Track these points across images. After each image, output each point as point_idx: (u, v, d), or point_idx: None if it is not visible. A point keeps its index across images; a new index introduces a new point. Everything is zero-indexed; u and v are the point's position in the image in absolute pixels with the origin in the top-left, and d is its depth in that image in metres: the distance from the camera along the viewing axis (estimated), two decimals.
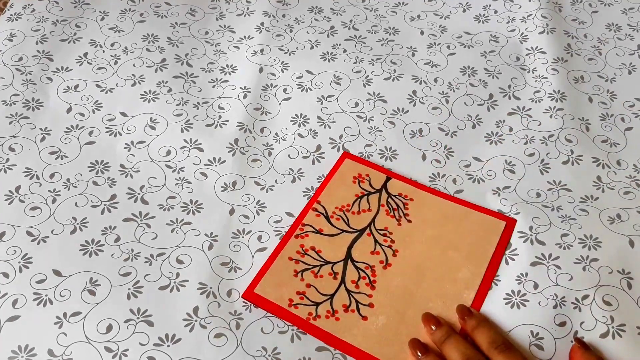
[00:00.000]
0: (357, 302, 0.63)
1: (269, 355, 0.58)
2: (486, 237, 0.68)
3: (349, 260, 0.66)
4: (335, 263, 0.66)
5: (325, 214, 0.70)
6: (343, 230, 0.69)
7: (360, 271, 0.65)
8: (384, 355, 0.59)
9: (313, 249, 0.67)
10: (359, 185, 0.72)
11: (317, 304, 0.62)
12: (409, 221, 0.69)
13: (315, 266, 0.65)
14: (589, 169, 0.74)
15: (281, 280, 0.64)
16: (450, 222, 0.69)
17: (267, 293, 0.63)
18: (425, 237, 0.68)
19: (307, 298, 0.63)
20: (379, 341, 0.60)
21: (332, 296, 0.63)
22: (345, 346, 0.60)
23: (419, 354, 0.58)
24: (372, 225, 0.69)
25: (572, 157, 0.75)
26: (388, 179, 0.73)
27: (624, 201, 0.71)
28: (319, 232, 0.68)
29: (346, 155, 0.76)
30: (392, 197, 0.72)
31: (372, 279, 0.65)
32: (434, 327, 0.60)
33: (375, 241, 0.68)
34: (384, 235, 0.68)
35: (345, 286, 0.64)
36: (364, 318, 0.62)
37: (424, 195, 0.71)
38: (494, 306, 0.62)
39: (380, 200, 0.71)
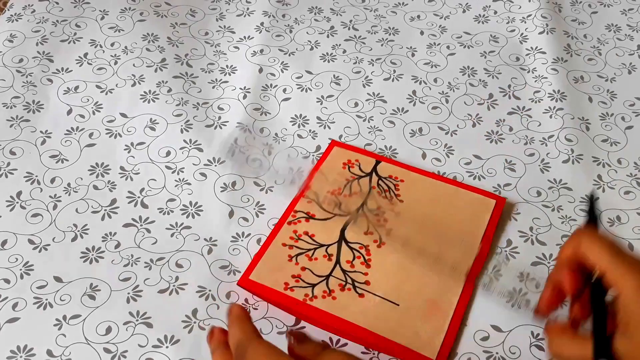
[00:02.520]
0: (353, 280, 0.63)
1: None
2: (477, 214, 0.69)
3: (343, 242, 0.67)
4: (329, 245, 0.66)
5: (317, 199, 0.70)
6: (335, 214, 0.69)
7: (354, 251, 0.66)
8: (381, 330, 0.59)
9: (306, 233, 0.67)
10: (349, 170, 0.73)
11: (313, 286, 0.63)
12: (401, 201, 0.70)
13: (309, 250, 0.66)
14: (590, 168, 0.74)
15: (276, 266, 0.64)
16: (441, 200, 0.70)
17: (263, 279, 0.63)
18: (417, 215, 0.69)
19: (303, 280, 0.63)
20: (377, 317, 0.60)
21: (327, 277, 0.64)
22: (343, 324, 0.60)
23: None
24: (364, 206, 0.70)
25: (573, 156, 0.75)
26: (377, 162, 0.74)
27: (624, 202, 0.71)
28: (312, 217, 0.68)
29: (335, 143, 0.76)
30: (383, 179, 0.72)
31: (367, 257, 0.65)
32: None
33: (369, 222, 0.68)
34: (377, 215, 0.69)
35: (340, 266, 0.65)
36: (361, 295, 0.62)
37: (414, 176, 0.72)
38: (496, 304, 0.62)
39: (371, 183, 0.72)
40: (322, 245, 0.66)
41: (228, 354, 0.52)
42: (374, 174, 0.72)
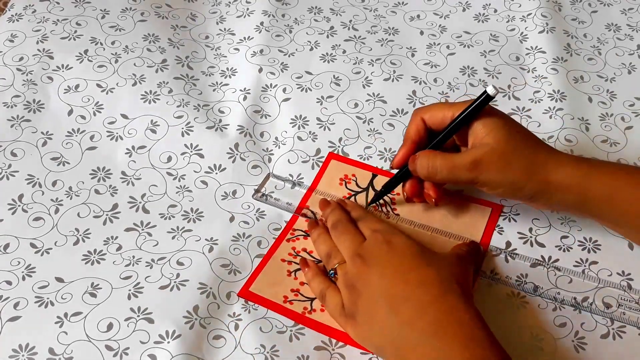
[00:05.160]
0: None
1: (268, 352, 0.58)
2: (473, 222, 0.69)
3: None
4: None
5: (314, 218, 0.70)
6: None
7: None
8: None
9: (305, 250, 0.68)
10: (346, 187, 0.73)
11: (312, 299, 0.63)
12: (397, 215, 0.70)
13: None
14: None
15: (275, 280, 0.65)
16: (436, 211, 0.70)
17: (262, 291, 0.64)
18: (414, 226, 0.69)
19: (302, 294, 0.64)
20: None
21: None
22: (342, 335, 0.60)
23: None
24: None
25: None
26: (374, 176, 0.74)
27: None
28: (309, 235, 0.69)
29: (332, 155, 0.76)
30: None
31: None
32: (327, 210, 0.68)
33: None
34: None
35: None
36: None
37: None
38: (495, 305, 0.62)
39: (367, 199, 0.72)
40: (320, 261, 0.66)
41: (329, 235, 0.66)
42: (370, 188, 0.73)
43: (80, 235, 0.68)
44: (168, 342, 0.58)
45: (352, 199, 0.72)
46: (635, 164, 0.75)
